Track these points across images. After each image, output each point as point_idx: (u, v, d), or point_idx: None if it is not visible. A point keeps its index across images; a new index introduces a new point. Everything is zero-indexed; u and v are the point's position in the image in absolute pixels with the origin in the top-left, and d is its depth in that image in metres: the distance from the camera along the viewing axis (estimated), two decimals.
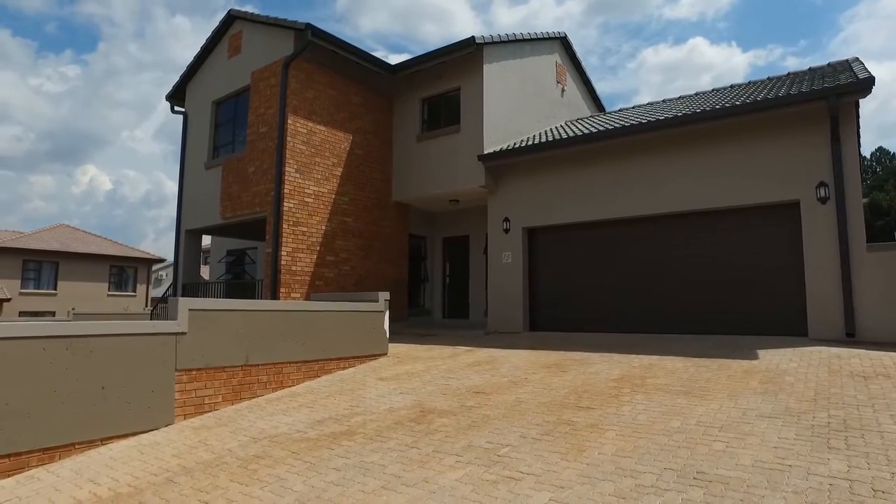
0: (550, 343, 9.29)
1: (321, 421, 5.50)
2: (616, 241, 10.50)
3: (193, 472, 4.40)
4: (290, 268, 10.73)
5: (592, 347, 8.44)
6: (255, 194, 11.44)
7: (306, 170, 11.27)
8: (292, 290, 10.71)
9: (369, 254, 12.46)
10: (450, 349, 9.14)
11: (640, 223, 10.20)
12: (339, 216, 11.85)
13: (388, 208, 13.13)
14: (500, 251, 11.66)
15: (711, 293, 9.26)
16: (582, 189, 10.73)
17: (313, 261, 11.18)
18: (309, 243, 11.14)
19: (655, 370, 6.50)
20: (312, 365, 7.49)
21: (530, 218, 11.37)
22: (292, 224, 10.85)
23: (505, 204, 11.73)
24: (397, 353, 8.92)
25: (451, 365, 7.74)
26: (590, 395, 5.55)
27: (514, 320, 11.22)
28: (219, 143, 13.26)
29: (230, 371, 6.49)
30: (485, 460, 4.02)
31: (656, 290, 9.84)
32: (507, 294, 11.37)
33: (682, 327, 9.41)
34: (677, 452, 3.84)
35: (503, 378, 6.65)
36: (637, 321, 9.95)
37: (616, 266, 10.41)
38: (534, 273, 11.46)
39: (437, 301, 14.52)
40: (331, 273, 11.51)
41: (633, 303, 10.09)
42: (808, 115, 8.35)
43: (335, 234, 11.71)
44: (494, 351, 8.72)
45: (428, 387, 6.54)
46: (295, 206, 10.95)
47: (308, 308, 7.62)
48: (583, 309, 10.69)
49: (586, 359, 7.50)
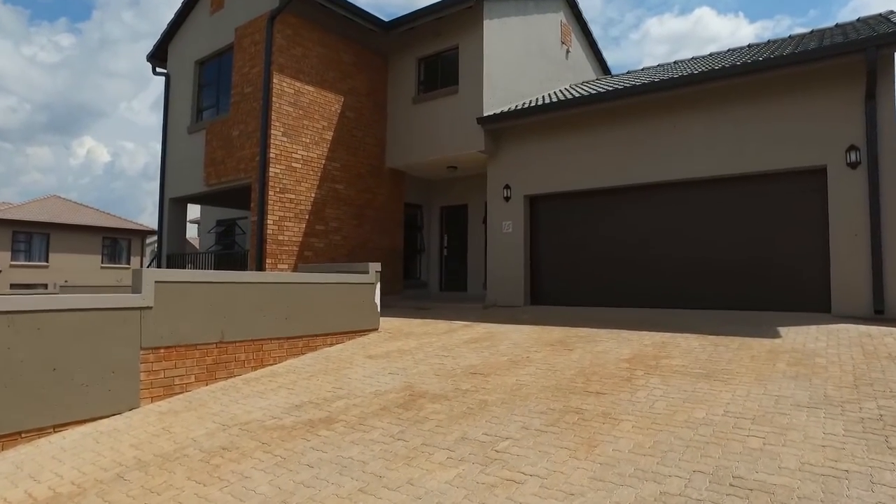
0: (553, 318, 8.73)
1: (300, 405, 4.95)
2: (624, 210, 9.85)
3: (149, 466, 3.85)
4: (276, 237, 10.10)
5: (599, 323, 7.88)
6: (240, 159, 10.74)
7: (294, 133, 10.54)
8: (279, 261, 10.11)
9: (362, 223, 11.82)
10: (445, 324, 8.58)
11: (651, 191, 9.53)
12: (329, 183, 11.17)
13: (381, 175, 12.43)
14: (500, 220, 11.02)
15: (727, 266, 8.66)
16: (588, 154, 10.03)
17: (302, 230, 10.54)
18: (297, 211, 10.48)
19: (669, 349, 5.93)
20: (296, 342, 6.93)
21: (532, 185, 10.69)
22: (279, 191, 10.19)
23: (505, 170, 11.04)
24: (389, 328, 8.36)
25: (447, 342, 7.19)
26: (599, 377, 4.99)
27: (514, 293, 10.65)
28: (202, 106, 12.48)
29: (203, 349, 5.93)
30: (481, 457, 3.47)
31: (667, 262, 9.24)
32: (508, 266, 10.78)
33: (695, 302, 8.84)
34: (706, 450, 3.28)
35: (502, 357, 6.09)
36: (646, 295, 9.37)
37: (624, 237, 9.78)
38: (536, 244, 10.85)
39: (433, 273, 13.94)
40: (320, 243, 10.89)
41: (641, 276, 9.50)
42: (839, 71, 7.61)
43: (325, 202, 11.05)
44: (493, 326, 8.16)
45: (420, 366, 5.98)
46: (281, 171, 10.26)
47: (291, 280, 7.02)
48: (588, 282, 10.10)
49: (593, 335, 6.94)
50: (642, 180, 9.40)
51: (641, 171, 9.39)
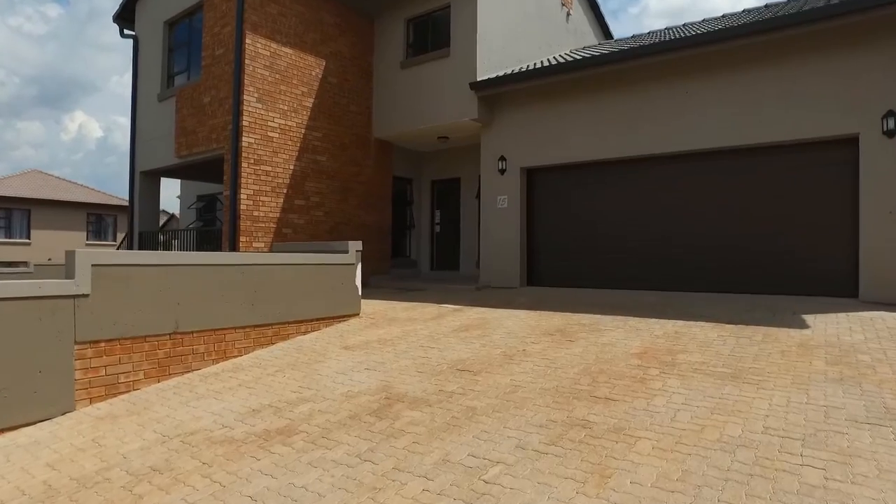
0: (552, 301, 8.01)
1: (258, 410, 4.23)
2: (630, 184, 9.06)
3: (56, 497, 3.13)
4: (251, 213, 9.29)
5: (602, 308, 7.17)
6: (212, 128, 9.85)
7: (270, 99, 9.64)
8: (255, 239, 9.32)
9: (346, 197, 11.00)
10: (434, 308, 7.86)
11: (660, 163, 8.74)
12: (310, 154, 10.31)
13: (368, 146, 11.56)
14: (495, 195, 10.22)
15: (742, 246, 7.92)
16: (591, 123, 9.19)
17: (279, 205, 9.73)
18: (274, 185, 9.66)
19: (685, 341, 5.22)
20: (265, 330, 6.20)
21: (530, 157, 9.87)
22: (253, 162, 9.34)
23: (501, 140, 10.20)
24: (373, 312, 7.64)
25: (434, 329, 6.47)
26: (607, 377, 4.28)
27: (509, 274, 9.91)
28: (173, 71, 11.52)
29: (154, 341, 5.19)
30: (465, 490, 2.76)
31: (676, 241, 8.49)
32: (503, 244, 10.02)
33: (707, 285, 8.13)
34: (751, 485, 2.57)
35: (496, 349, 5.37)
36: (652, 277, 8.66)
37: (629, 213, 9.02)
38: (533, 220, 10.08)
39: (424, 251, 13.17)
40: (301, 219, 10.08)
41: (647, 256, 8.76)
42: (878, 25, 6.77)
43: (306, 175, 10.22)
44: (486, 311, 7.44)
45: (401, 360, 5.26)
46: (256, 141, 9.40)
47: (257, 262, 6.24)
48: (589, 262, 9.37)
49: (596, 323, 6.22)
50: (650, 151, 8.59)
51: (649, 141, 8.58)
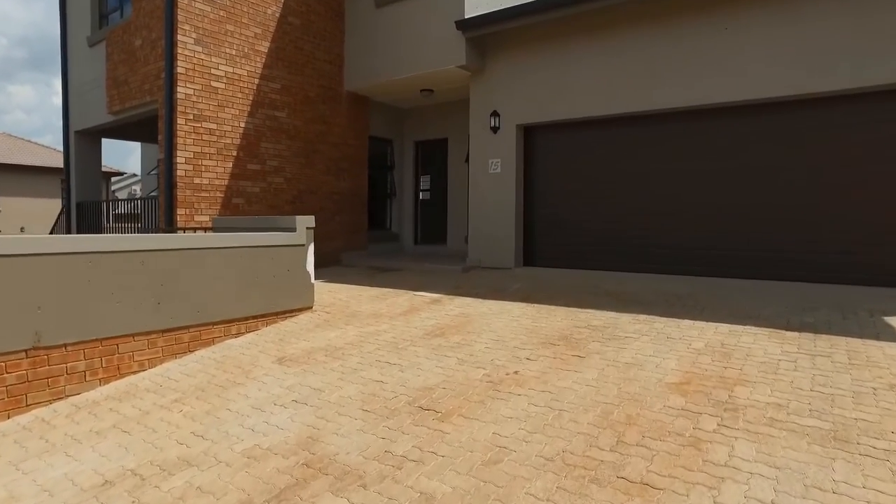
0: (553, 289, 6.54)
1: (112, 482, 2.79)
2: (650, 145, 7.47)
3: None
4: (191, 180, 7.71)
5: (617, 301, 5.70)
6: (145, 77, 8.17)
7: (212, 41, 7.93)
8: (196, 212, 7.76)
9: (312, 161, 9.39)
10: (408, 297, 6.39)
11: (685, 119, 7.14)
12: (266, 109, 8.65)
13: (338, 101, 9.88)
14: (486, 158, 8.63)
15: (785, 222, 6.41)
16: (604, 70, 7.54)
17: (227, 171, 8.14)
18: (220, 146, 8.04)
19: (739, 360, 3.76)
20: (179, 335, 4.73)
21: (528, 111, 8.24)
22: (192, 118, 7.70)
23: (493, 92, 8.54)
24: (331, 303, 6.17)
25: (401, 332, 5.01)
26: (639, 433, 2.83)
27: (503, 252, 8.41)
28: (106, 9, 9.73)
29: (0, 362, 3.72)
30: None
31: (704, 214, 6.97)
32: (495, 217, 8.49)
33: (742, 270, 6.65)
34: None
35: (476, 369, 3.92)
36: (674, 258, 7.17)
37: (646, 180, 7.46)
38: (531, 189, 8.52)
39: (407, 223, 11.62)
40: (255, 187, 8.51)
41: (667, 231, 7.25)
42: None
43: (261, 135, 8.58)
44: (471, 303, 5.98)
45: (346, 386, 3.81)
46: (196, 92, 7.73)
47: (166, 246, 4.71)
48: (597, 238, 7.86)
49: (613, 325, 4.76)
50: (677, 104, 6.98)
51: (676, 92, 6.96)
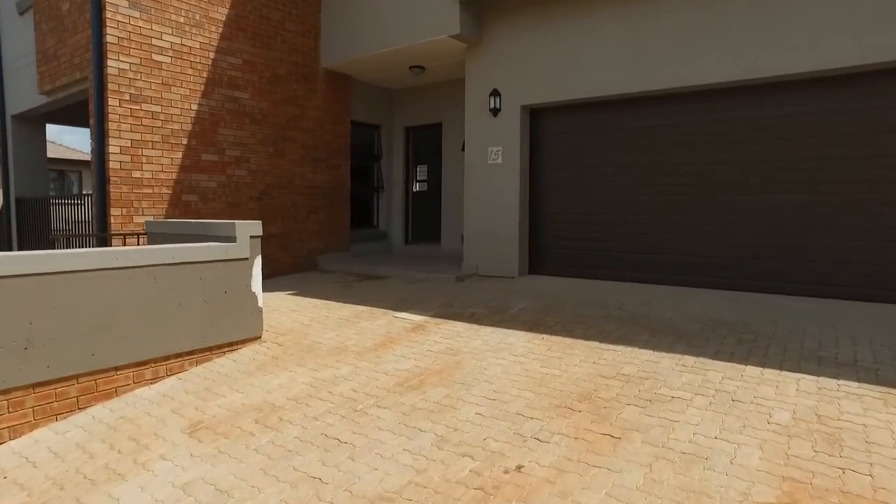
0: (566, 309, 5.24)
1: None
2: (679, 129, 6.12)
3: None
4: (128, 174, 6.40)
5: (649, 329, 4.39)
6: (75, 49, 6.84)
7: (153, 5, 6.57)
8: (136, 212, 6.46)
9: (282, 150, 8.06)
10: (385, 322, 5.10)
11: (725, 98, 5.78)
12: (224, 89, 7.31)
13: (314, 80, 8.52)
14: (485, 145, 7.29)
15: (858, 223, 5.08)
16: (627, 40, 6.17)
17: (176, 162, 6.82)
18: (166, 133, 6.72)
19: (857, 451, 2.47)
20: (64, 389, 3.47)
21: (534, 90, 6.89)
22: (129, 99, 6.37)
23: (493, 67, 7.18)
24: (288, 329, 4.88)
25: (366, 380, 3.72)
26: None
27: (504, 257, 7.10)
28: None
29: None
30: None
31: (752, 214, 5.64)
32: (495, 216, 7.17)
33: (799, 284, 5.34)
34: None
35: (461, 459, 2.63)
36: (712, 268, 5.85)
37: (677, 172, 6.12)
38: (538, 182, 7.19)
39: (396, 220, 10.28)
40: (212, 182, 7.19)
41: (704, 236, 5.93)
42: None
43: (218, 119, 7.25)
44: (462, 331, 4.68)
45: (267, 490, 2.53)
46: (133, 67, 6.40)
47: (32, 270, 3.41)
48: (616, 242, 6.54)
49: (651, 375, 3.46)
50: (715, 79, 5.62)
51: (714, 63, 5.59)
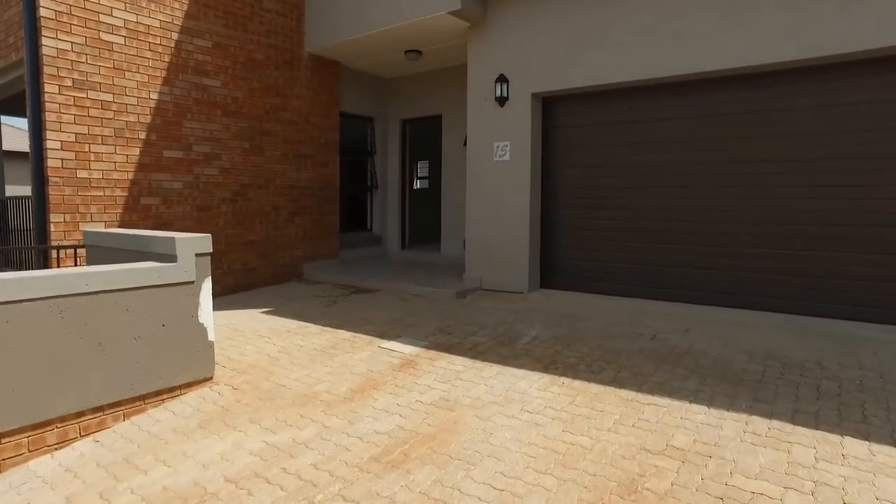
0: (588, 340, 4.30)
1: None
2: (730, 120, 5.16)
3: None
4: (73, 174, 5.45)
5: (698, 371, 3.45)
6: (9, 26, 5.88)
7: None
8: (83, 218, 5.52)
9: (260, 145, 7.10)
10: (369, 354, 4.16)
11: (774, 83, 4.81)
12: (191, 76, 6.35)
13: (297, 66, 7.56)
14: (490, 140, 6.33)
15: None
16: (658, 13, 5.20)
17: (133, 160, 5.88)
18: (119, 126, 5.76)
19: None
20: None
21: (548, 75, 5.92)
22: (71, 86, 5.42)
23: (500, 48, 6.22)
24: (250, 365, 3.95)
25: (332, 453, 2.79)
26: None
27: (511, 270, 6.16)
28: None
29: None
30: None
31: (823, 224, 4.69)
32: (502, 221, 6.23)
33: (880, 309, 4.39)
34: None
35: None
36: (762, 285, 4.90)
37: (722, 172, 5.16)
38: (551, 182, 6.24)
39: (392, 222, 9.33)
40: (176, 182, 6.25)
41: (754, 248, 4.98)
42: None
43: (184, 110, 6.30)
44: (462, 371, 3.75)
45: None
46: (76, 48, 5.44)
47: None
48: (645, 253, 5.59)
49: (713, 450, 2.52)
50: (774, 58, 4.65)
51: (775, 39, 4.63)
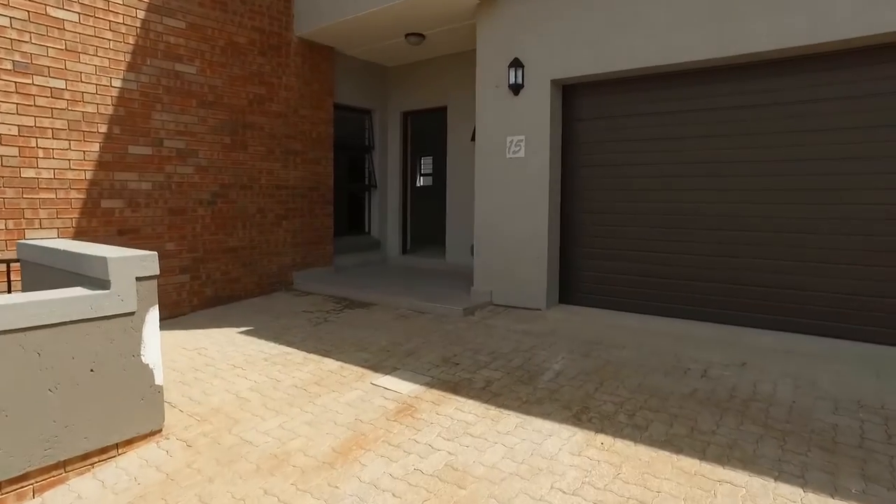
0: (626, 377, 3.50)
1: None
2: (780, 110, 4.34)
3: None
4: (16, 173, 4.69)
5: (775, 428, 2.64)
6: None
7: None
8: (31, 225, 4.77)
9: (243, 140, 6.33)
10: (356, 397, 3.38)
11: (833, 67, 3.99)
12: (161, 61, 5.58)
13: (285, 52, 6.77)
14: (502, 134, 5.53)
15: None
16: None
17: (92, 156, 5.11)
18: (74, 118, 5.00)
19: None
20: None
21: (569, 59, 5.10)
22: (11, 69, 4.65)
23: (513, 29, 5.41)
24: (213, 410, 3.18)
25: None
26: None
27: (527, 283, 5.36)
28: None
29: None
30: None
31: (878, 229, 3.88)
32: (516, 226, 5.43)
33: None
34: None
35: None
36: (835, 308, 4.10)
37: (782, 172, 4.35)
38: (572, 183, 5.43)
39: (392, 225, 8.53)
40: (145, 182, 5.48)
41: (824, 263, 4.17)
42: None
43: (153, 100, 5.53)
44: (473, 423, 2.96)
45: None
46: (14, 23, 4.67)
47: None
48: (682, 266, 4.78)
49: None
50: (817, 39, 3.83)
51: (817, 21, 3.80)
